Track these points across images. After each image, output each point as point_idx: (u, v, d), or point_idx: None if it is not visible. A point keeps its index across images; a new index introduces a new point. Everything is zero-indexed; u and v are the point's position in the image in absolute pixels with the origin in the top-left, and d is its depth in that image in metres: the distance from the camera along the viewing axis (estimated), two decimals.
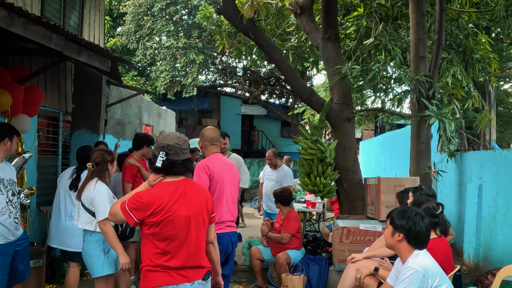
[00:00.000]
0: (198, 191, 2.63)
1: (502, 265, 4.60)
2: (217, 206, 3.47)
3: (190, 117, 22.01)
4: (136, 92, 8.54)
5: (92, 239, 3.73)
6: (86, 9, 7.81)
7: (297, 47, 7.04)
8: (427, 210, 3.42)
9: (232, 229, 3.69)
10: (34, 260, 4.47)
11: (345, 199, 5.71)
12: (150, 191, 2.51)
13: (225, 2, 5.74)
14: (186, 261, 2.49)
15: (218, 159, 3.70)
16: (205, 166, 3.55)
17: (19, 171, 4.93)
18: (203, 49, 16.55)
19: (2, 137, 3.78)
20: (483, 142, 9.30)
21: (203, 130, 3.81)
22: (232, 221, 3.71)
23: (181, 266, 2.47)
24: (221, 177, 3.58)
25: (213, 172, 3.54)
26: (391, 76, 5.39)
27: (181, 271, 2.47)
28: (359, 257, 3.96)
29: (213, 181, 3.54)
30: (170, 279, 2.45)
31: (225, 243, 3.56)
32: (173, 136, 2.59)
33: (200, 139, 3.79)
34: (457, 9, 6.41)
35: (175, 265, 2.46)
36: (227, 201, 3.63)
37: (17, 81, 4.95)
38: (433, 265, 2.76)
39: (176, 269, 2.46)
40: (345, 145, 5.63)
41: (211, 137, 3.75)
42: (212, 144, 3.75)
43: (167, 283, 2.44)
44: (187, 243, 2.49)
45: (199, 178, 3.48)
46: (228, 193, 3.64)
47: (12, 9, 3.82)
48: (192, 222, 2.51)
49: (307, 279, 4.99)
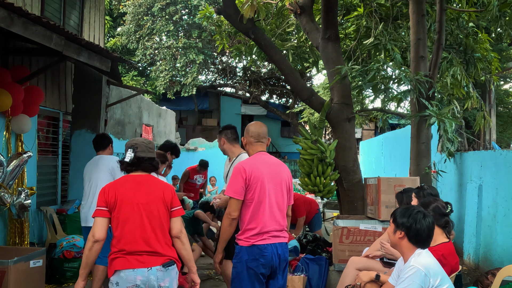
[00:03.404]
0: (156, 184, 2.85)
1: (502, 265, 4.59)
2: (258, 215, 3.09)
3: (190, 117, 22.01)
4: (136, 92, 8.55)
5: None
6: (86, 9, 7.81)
7: (297, 47, 7.04)
8: (437, 210, 3.39)
9: (279, 239, 3.19)
10: (34, 260, 4.47)
11: (345, 199, 5.70)
12: (113, 181, 2.86)
13: (225, 2, 5.74)
14: (141, 246, 2.69)
15: (261, 159, 3.22)
16: (241, 168, 3.11)
17: (19, 171, 4.94)
18: (203, 49, 16.55)
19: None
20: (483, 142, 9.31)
21: (248, 125, 3.39)
22: (280, 231, 3.20)
23: (136, 251, 2.68)
24: (261, 181, 3.11)
25: (250, 176, 3.09)
26: (391, 76, 5.39)
27: (137, 256, 2.68)
28: (377, 253, 3.92)
29: (251, 187, 3.09)
30: (126, 264, 2.66)
31: (269, 256, 3.10)
32: (140, 139, 2.97)
33: (245, 136, 3.35)
34: (457, 9, 6.41)
35: (130, 250, 2.68)
36: (271, 207, 3.14)
37: (17, 81, 4.95)
38: (434, 264, 2.76)
39: (132, 254, 2.68)
40: (345, 145, 5.63)
41: (258, 133, 3.30)
42: (258, 141, 3.30)
43: (124, 267, 2.66)
44: (140, 230, 2.70)
45: (234, 184, 3.09)
46: (272, 198, 3.16)
47: (12, 9, 3.83)
48: (143, 210, 2.73)
49: (307, 279, 4.98)
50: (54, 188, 6.58)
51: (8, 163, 4.79)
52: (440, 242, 3.29)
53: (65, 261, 5.34)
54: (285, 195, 3.26)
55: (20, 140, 5.30)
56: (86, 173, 4.84)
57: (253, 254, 3.07)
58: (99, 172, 4.69)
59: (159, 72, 16.89)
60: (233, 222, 3.11)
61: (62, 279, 5.37)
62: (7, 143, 5.07)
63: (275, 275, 3.19)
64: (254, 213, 3.09)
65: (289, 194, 3.31)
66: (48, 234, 5.87)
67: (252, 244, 3.07)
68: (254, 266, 3.06)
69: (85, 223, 4.68)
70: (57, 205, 6.54)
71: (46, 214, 5.94)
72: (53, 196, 6.55)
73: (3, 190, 4.68)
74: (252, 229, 3.08)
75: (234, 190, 3.09)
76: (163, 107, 13.22)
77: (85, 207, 4.73)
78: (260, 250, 3.06)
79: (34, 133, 5.71)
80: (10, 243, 5.12)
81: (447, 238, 3.37)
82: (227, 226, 3.12)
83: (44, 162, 6.29)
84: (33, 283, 4.47)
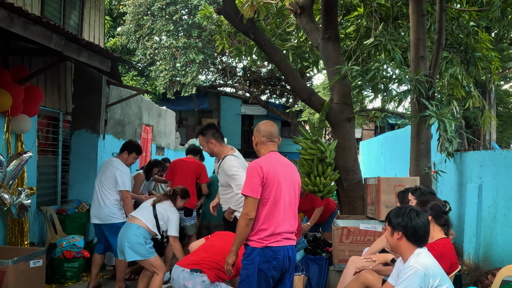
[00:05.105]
0: None
1: (502, 265, 4.59)
2: (272, 215, 3.00)
3: (190, 117, 22.01)
4: (136, 92, 8.54)
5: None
6: (86, 9, 7.81)
7: (297, 47, 7.04)
8: (436, 207, 3.41)
9: (290, 242, 3.11)
10: (34, 260, 4.47)
11: (345, 199, 5.71)
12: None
13: (225, 2, 5.74)
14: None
15: (275, 158, 3.14)
16: (258, 166, 2.99)
17: (19, 171, 4.94)
18: (203, 49, 16.55)
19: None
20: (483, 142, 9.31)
21: (259, 124, 3.27)
22: (292, 233, 3.12)
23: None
24: (278, 181, 3.03)
25: (267, 174, 2.99)
26: (391, 76, 5.39)
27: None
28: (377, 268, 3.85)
29: (267, 185, 2.99)
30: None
31: (281, 258, 3.01)
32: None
33: (256, 135, 3.25)
34: (457, 8, 6.41)
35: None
36: (285, 208, 3.06)
37: (17, 81, 4.95)
38: (434, 264, 2.76)
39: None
40: (345, 145, 5.63)
41: (270, 132, 3.21)
42: (271, 140, 3.21)
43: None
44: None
45: (250, 182, 2.97)
46: (286, 199, 3.07)
47: (12, 9, 3.83)
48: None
49: (307, 279, 4.98)
50: (54, 188, 6.58)
51: (8, 163, 4.79)
52: (439, 238, 3.32)
53: (65, 261, 5.35)
54: (297, 195, 3.19)
55: (20, 140, 5.30)
56: (98, 172, 5.33)
57: (265, 256, 2.96)
58: (103, 176, 5.14)
59: (159, 72, 16.89)
60: (250, 222, 2.97)
61: (62, 279, 5.37)
62: (7, 143, 5.07)
63: (283, 279, 3.11)
64: (269, 213, 2.99)
65: (299, 196, 3.25)
66: (48, 234, 5.87)
67: (265, 245, 2.97)
68: (266, 268, 2.96)
69: (92, 220, 5.22)
70: (57, 205, 6.54)
71: (46, 214, 5.94)
72: (53, 196, 6.55)
73: (3, 190, 4.68)
74: (265, 230, 2.98)
75: (251, 188, 2.96)
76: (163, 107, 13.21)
77: (91, 206, 5.24)
78: (274, 252, 2.96)
79: (34, 133, 5.70)
80: (10, 243, 5.12)
81: (445, 235, 3.40)
82: (244, 227, 2.96)
83: (44, 162, 6.29)
84: (33, 283, 4.47)
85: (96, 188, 5.17)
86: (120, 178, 5.05)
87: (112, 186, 5.07)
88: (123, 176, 5.08)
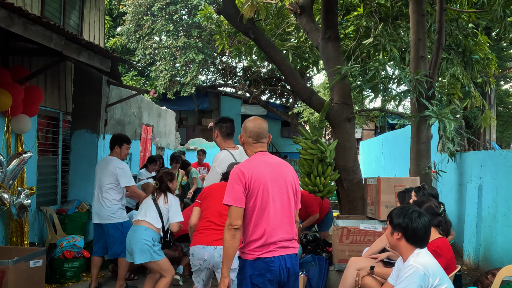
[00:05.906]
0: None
1: (502, 265, 4.59)
2: (260, 223, 2.69)
3: (190, 117, 22.02)
4: (136, 92, 8.54)
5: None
6: (86, 9, 7.81)
7: (297, 47, 7.04)
8: (429, 209, 3.42)
9: (288, 250, 2.76)
10: (34, 260, 4.47)
11: (345, 199, 5.70)
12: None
13: (225, 2, 5.74)
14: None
15: (261, 159, 2.80)
16: (239, 172, 2.71)
17: (19, 171, 4.94)
18: (203, 49, 16.55)
19: None
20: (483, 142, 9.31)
21: (246, 121, 2.94)
22: (289, 240, 2.77)
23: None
24: (264, 184, 2.71)
25: (250, 180, 2.68)
26: (390, 76, 5.39)
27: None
28: (383, 256, 3.91)
29: (252, 192, 2.69)
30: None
31: (276, 270, 2.69)
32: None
33: (242, 134, 2.92)
34: (457, 9, 6.41)
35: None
36: (276, 214, 2.72)
37: (17, 81, 4.95)
38: (434, 264, 2.76)
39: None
40: (345, 145, 5.63)
41: (256, 133, 2.86)
42: (258, 142, 2.87)
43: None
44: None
45: (232, 190, 2.69)
46: (277, 203, 2.74)
47: (12, 9, 3.83)
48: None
49: (307, 279, 4.98)
50: (54, 188, 6.58)
51: (8, 163, 4.79)
52: (435, 238, 3.34)
53: (65, 261, 5.35)
54: (292, 198, 2.82)
55: (20, 140, 5.30)
56: (96, 172, 5.29)
57: (258, 268, 2.67)
58: (102, 175, 5.14)
59: (159, 72, 16.90)
60: (237, 233, 2.65)
61: (62, 279, 5.37)
62: (7, 143, 5.07)
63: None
64: (257, 221, 2.69)
65: (296, 197, 2.86)
66: (48, 234, 5.88)
67: (256, 257, 2.68)
68: (260, 282, 2.66)
69: (93, 220, 5.23)
70: (57, 205, 6.54)
71: (46, 214, 5.94)
72: (53, 196, 6.55)
73: (3, 190, 4.68)
74: (256, 240, 2.69)
75: (233, 197, 2.67)
76: (163, 107, 13.22)
77: (93, 206, 5.26)
78: (266, 264, 2.67)
79: (34, 133, 5.71)
80: (10, 243, 5.12)
81: (440, 235, 3.42)
82: (230, 239, 2.64)
83: (44, 162, 6.29)
84: (33, 283, 4.48)
85: (96, 188, 5.17)
86: (123, 177, 5.08)
87: (112, 185, 5.07)
88: (125, 174, 5.11)
